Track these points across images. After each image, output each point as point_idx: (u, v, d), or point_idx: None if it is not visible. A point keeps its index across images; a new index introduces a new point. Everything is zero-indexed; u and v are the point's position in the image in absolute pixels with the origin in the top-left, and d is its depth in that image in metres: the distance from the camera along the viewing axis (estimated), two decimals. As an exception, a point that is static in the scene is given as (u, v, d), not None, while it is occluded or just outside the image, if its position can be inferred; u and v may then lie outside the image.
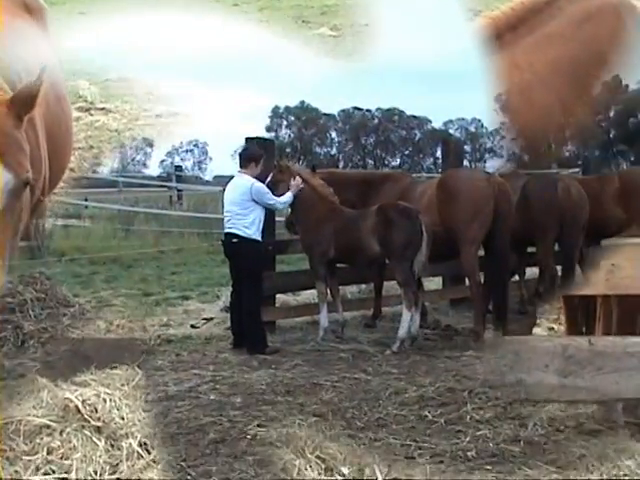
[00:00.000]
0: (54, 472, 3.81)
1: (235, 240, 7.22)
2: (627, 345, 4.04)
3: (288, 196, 7.52)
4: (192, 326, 8.37)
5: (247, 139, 8.26)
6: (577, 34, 4.79)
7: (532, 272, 10.13)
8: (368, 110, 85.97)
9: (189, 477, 4.14)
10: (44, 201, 4.47)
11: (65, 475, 3.81)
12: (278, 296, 8.61)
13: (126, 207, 20.01)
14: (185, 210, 19.98)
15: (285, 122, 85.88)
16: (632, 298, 4.50)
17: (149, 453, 4.15)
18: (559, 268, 8.44)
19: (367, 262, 7.61)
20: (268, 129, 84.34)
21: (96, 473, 3.87)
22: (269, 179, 7.59)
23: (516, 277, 9.31)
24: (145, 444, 4.18)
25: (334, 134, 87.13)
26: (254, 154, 7.51)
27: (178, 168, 27.32)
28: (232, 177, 7.68)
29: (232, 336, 7.49)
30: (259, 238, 7.29)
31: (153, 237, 16.79)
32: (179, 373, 6.44)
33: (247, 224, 7.20)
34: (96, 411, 4.16)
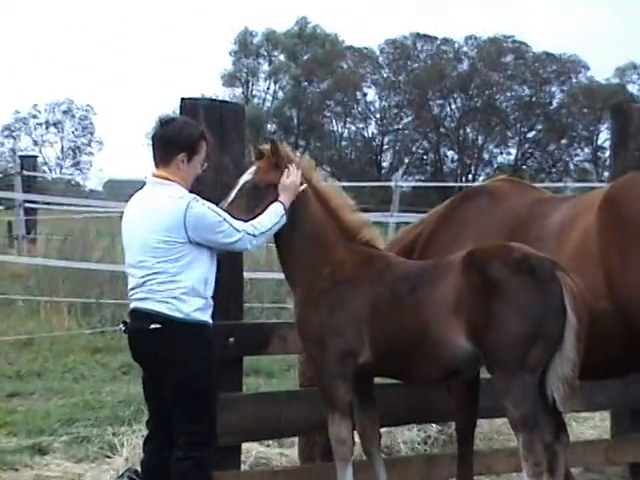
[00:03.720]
0: None
1: (155, 326, 7.23)
2: None
3: (274, 214, 7.48)
4: (54, 512, 8.40)
5: (183, 100, 8.36)
6: None
7: None
8: (445, 40, 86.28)
9: None
10: None
11: None
12: (245, 446, 8.73)
13: None
14: (40, 253, 20.20)
15: (266, 65, 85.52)
16: None
17: None
18: None
19: (442, 374, 7.63)
20: (229, 80, 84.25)
21: None
22: (242, 181, 7.67)
23: None
24: None
25: (372, 92, 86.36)
26: (182, 134, 7.42)
27: (28, 161, 27.66)
28: (142, 186, 7.65)
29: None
30: (206, 319, 7.33)
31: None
32: None
33: (179, 293, 7.20)
34: None
